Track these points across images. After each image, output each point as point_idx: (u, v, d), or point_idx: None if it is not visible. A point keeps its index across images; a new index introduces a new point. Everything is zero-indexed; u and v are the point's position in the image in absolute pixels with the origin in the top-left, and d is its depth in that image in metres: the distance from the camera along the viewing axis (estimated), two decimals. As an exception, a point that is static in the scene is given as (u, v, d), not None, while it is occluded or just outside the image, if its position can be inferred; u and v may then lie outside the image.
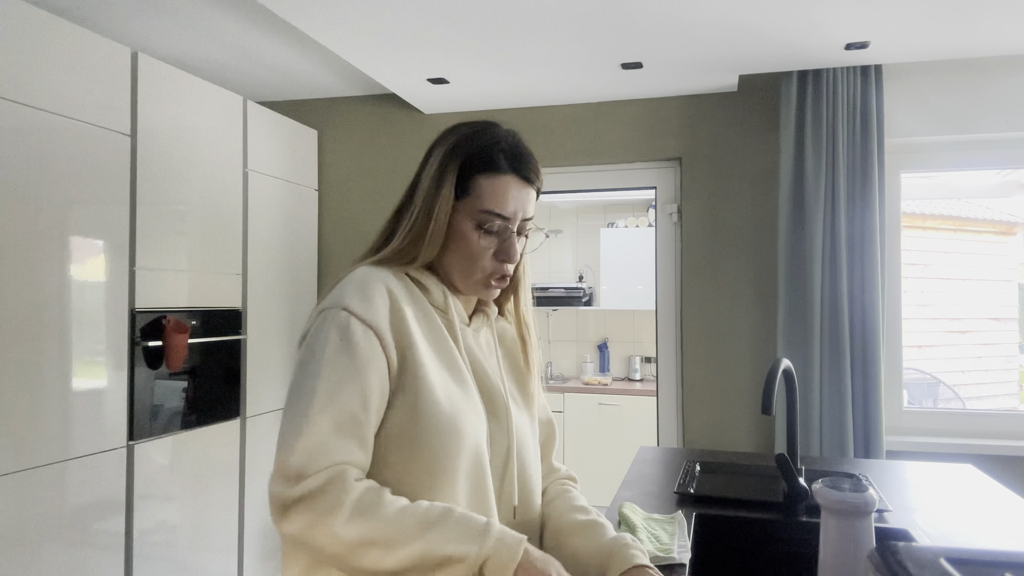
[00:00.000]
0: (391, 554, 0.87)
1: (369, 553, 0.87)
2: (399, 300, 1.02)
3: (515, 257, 1.08)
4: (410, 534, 0.88)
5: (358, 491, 0.90)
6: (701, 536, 1.57)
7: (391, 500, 0.91)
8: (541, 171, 1.12)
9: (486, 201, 1.05)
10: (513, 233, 1.08)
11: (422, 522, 0.89)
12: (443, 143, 1.11)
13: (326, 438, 0.91)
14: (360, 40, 2.47)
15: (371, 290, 1.00)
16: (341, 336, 0.96)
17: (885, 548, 0.70)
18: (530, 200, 1.10)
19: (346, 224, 3.46)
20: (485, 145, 1.07)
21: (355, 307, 0.98)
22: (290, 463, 0.88)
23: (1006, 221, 3.94)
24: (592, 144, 3.17)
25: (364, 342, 0.96)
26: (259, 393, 2.97)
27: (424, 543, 0.88)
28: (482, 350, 1.15)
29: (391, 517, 0.89)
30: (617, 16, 2.25)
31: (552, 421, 1.29)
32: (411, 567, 0.88)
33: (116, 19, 2.56)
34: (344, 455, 0.92)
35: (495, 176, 1.06)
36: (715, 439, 2.98)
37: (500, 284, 1.10)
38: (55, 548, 2.06)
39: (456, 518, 0.91)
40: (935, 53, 2.62)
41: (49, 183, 2.06)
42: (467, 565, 0.88)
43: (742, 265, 2.98)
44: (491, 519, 0.94)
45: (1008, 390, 3.71)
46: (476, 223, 1.06)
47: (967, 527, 1.51)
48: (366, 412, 0.95)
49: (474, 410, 1.05)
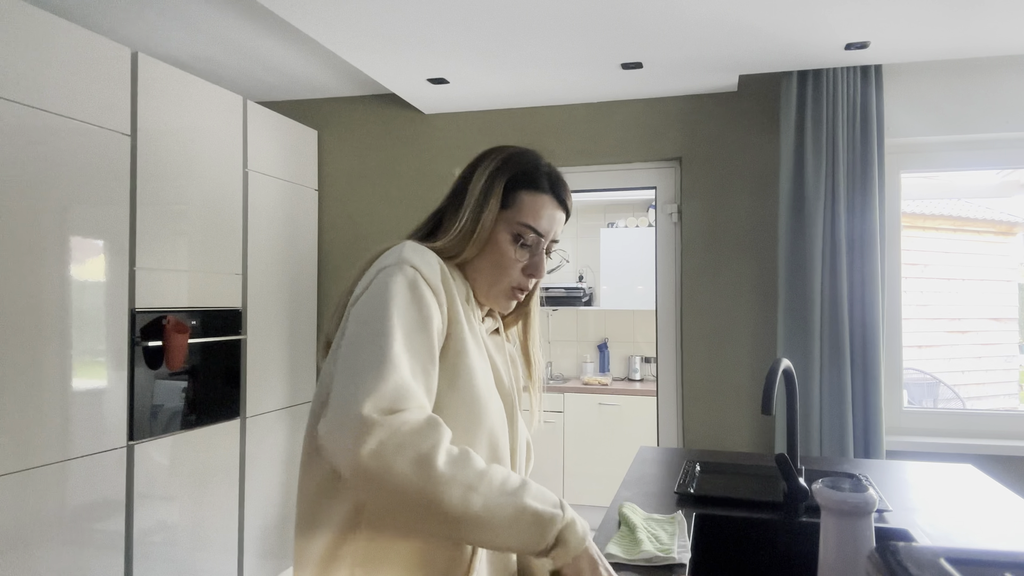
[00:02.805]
0: (481, 499, 0.87)
1: (462, 493, 0.86)
2: (448, 275, 1.06)
3: (543, 273, 1.15)
4: (499, 486, 0.90)
5: (450, 437, 0.91)
6: (701, 536, 1.57)
7: (476, 456, 0.92)
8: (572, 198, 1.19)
9: (525, 215, 1.12)
10: (544, 249, 1.15)
11: (507, 480, 0.92)
12: (492, 156, 1.16)
13: (408, 378, 0.90)
14: (360, 40, 2.47)
15: (428, 257, 1.04)
16: (410, 288, 0.97)
17: (885, 548, 0.70)
18: (561, 223, 1.17)
19: (346, 224, 3.46)
20: (531, 166, 1.15)
21: (420, 266, 1.00)
22: (384, 392, 0.86)
23: (1006, 221, 3.94)
24: (592, 144, 3.17)
25: (430, 298, 0.99)
26: (259, 393, 2.97)
27: (516, 498, 0.90)
28: (497, 348, 1.19)
29: (483, 468, 0.90)
30: (617, 16, 2.25)
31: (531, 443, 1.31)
32: (496, 517, 0.88)
33: (116, 19, 2.56)
34: (423, 399, 0.92)
35: (536, 194, 1.13)
36: (715, 439, 2.98)
37: (518, 297, 1.16)
38: (55, 548, 2.06)
39: (536, 486, 0.95)
40: (935, 53, 2.62)
41: (49, 183, 2.06)
42: (554, 526, 0.91)
43: (742, 265, 2.98)
44: (561, 498, 0.98)
45: (1008, 390, 3.71)
46: (513, 235, 1.12)
47: (967, 527, 1.51)
48: (433, 364, 0.97)
49: (496, 395, 1.09)
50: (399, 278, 0.97)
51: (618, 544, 1.35)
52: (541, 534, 0.90)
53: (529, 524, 0.90)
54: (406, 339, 0.93)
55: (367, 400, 0.84)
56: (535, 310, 1.27)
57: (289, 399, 3.18)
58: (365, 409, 0.83)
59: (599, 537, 1.41)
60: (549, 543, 0.91)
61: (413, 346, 0.93)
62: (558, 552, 0.92)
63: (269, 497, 3.03)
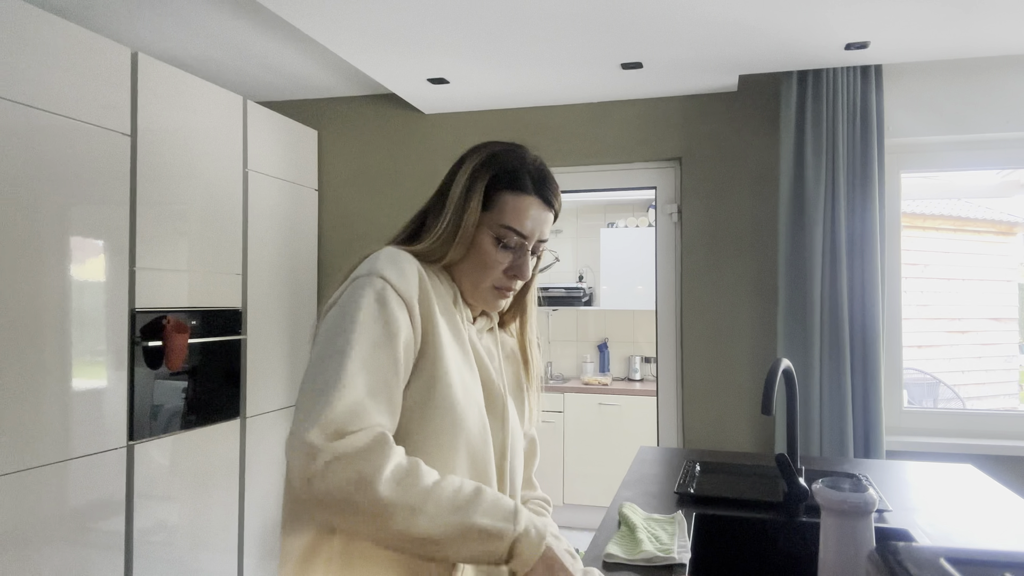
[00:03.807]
0: (427, 520, 0.88)
1: (405, 516, 0.87)
2: (426, 282, 1.06)
3: (526, 275, 1.13)
4: (447, 504, 0.90)
5: (399, 455, 0.91)
6: (701, 536, 1.57)
7: (427, 470, 0.92)
8: (561, 196, 1.17)
9: (507, 217, 1.10)
10: (527, 251, 1.12)
11: (457, 494, 0.91)
12: (474, 156, 1.14)
13: (363, 398, 0.91)
14: (360, 40, 2.47)
15: (405, 265, 1.03)
16: (378, 301, 0.98)
17: (885, 548, 0.70)
18: (547, 223, 1.14)
19: (346, 224, 3.46)
20: (514, 165, 1.12)
21: (391, 277, 1.00)
22: (331, 418, 0.88)
23: (1006, 221, 3.94)
24: (592, 144, 3.17)
25: (398, 311, 0.99)
26: (259, 393, 2.97)
27: (461, 515, 0.90)
28: (487, 350, 1.18)
29: (429, 486, 0.90)
30: (617, 16, 2.25)
31: (536, 440, 1.31)
32: (444, 536, 0.89)
33: (116, 19, 2.56)
34: (379, 418, 0.93)
35: (519, 195, 1.10)
36: (715, 439, 2.98)
37: (505, 297, 1.15)
38: (55, 548, 2.06)
39: (490, 496, 0.94)
40: (935, 53, 2.62)
41: (49, 183, 2.06)
42: (503, 540, 0.91)
43: (742, 265, 2.98)
44: (518, 503, 0.97)
45: (1008, 390, 3.71)
46: (495, 236, 1.10)
47: (967, 527, 1.51)
48: (397, 378, 0.97)
49: (477, 400, 1.08)
50: (367, 291, 0.98)
51: (618, 544, 1.35)
52: (492, 550, 0.91)
53: (477, 541, 0.90)
54: (367, 355, 0.93)
55: (315, 426, 0.87)
56: (532, 307, 1.25)
57: (289, 399, 3.18)
58: (312, 435, 0.86)
59: (599, 537, 1.41)
60: (503, 556, 0.92)
61: (375, 362, 0.94)
62: (515, 563, 0.92)
63: (269, 497, 3.03)
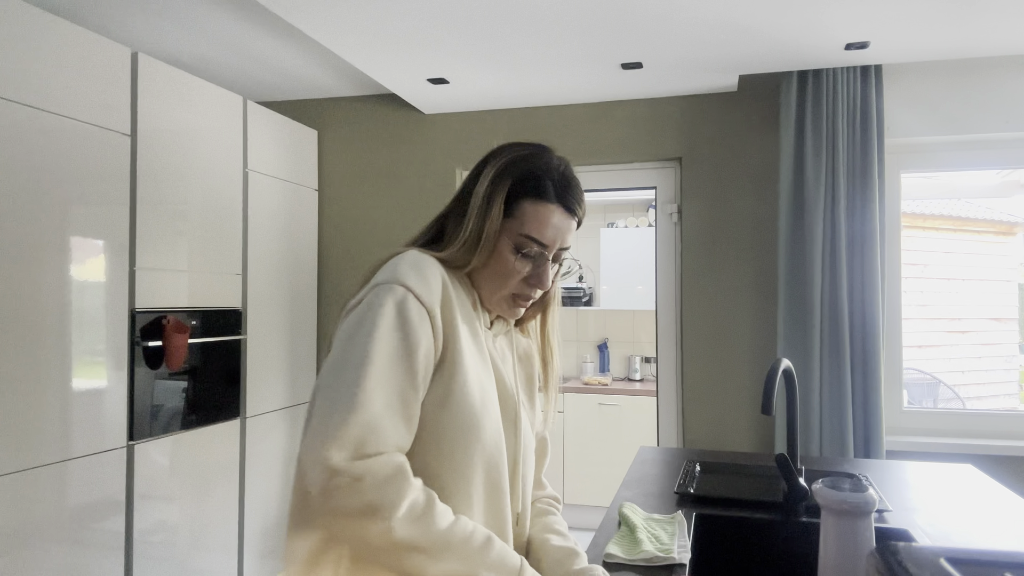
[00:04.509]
0: (432, 565, 0.89)
1: (412, 556, 0.88)
2: (449, 289, 1.04)
3: (546, 284, 1.10)
4: (456, 551, 0.90)
5: (416, 491, 0.91)
6: (701, 536, 1.57)
7: (442, 510, 0.93)
8: (585, 201, 1.13)
9: (528, 226, 1.06)
10: (548, 260, 1.09)
11: (467, 543, 0.92)
12: (496, 160, 1.10)
13: (380, 413, 0.91)
14: (360, 40, 2.47)
15: (427, 272, 1.01)
16: (398, 311, 0.96)
17: (885, 548, 0.70)
18: (570, 230, 1.11)
19: (346, 224, 3.46)
20: (536, 171, 1.08)
21: (413, 285, 0.98)
22: (348, 434, 0.87)
23: (1006, 221, 3.94)
24: (592, 144, 3.17)
25: (418, 320, 0.97)
26: (259, 393, 2.97)
27: (468, 565, 0.91)
28: (501, 355, 1.17)
29: (442, 529, 0.91)
30: (617, 16, 2.25)
31: (547, 439, 1.29)
32: None
33: (116, 19, 2.56)
34: (397, 435, 0.93)
35: (541, 204, 1.06)
36: (715, 439, 2.98)
37: (523, 305, 1.13)
38: (55, 548, 2.06)
39: (498, 549, 0.95)
40: (935, 53, 2.62)
41: (49, 183, 2.06)
42: None
43: (742, 265, 2.98)
44: (524, 560, 0.98)
45: (1008, 390, 3.71)
46: (515, 245, 1.07)
47: (967, 527, 1.51)
48: (415, 391, 0.96)
49: (494, 408, 1.07)
50: (388, 299, 0.96)
51: (618, 544, 1.35)
52: None
53: None
54: (385, 368, 0.92)
55: (333, 443, 0.87)
56: (553, 308, 1.22)
57: (289, 399, 3.18)
58: (330, 452, 0.87)
59: (599, 537, 1.41)
60: None
61: (393, 375, 0.93)
62: None
63: (269, 497, 3.03)
